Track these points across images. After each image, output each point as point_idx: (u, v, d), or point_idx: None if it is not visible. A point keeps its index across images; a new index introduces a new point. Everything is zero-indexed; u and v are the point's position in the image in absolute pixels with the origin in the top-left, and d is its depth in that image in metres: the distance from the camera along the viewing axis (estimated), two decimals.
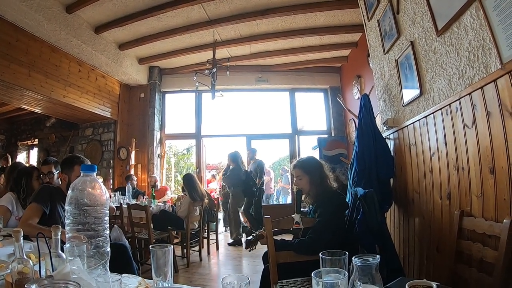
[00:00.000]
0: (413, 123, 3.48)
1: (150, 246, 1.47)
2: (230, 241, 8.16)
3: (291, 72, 9.91)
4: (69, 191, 1.42)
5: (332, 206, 3.06)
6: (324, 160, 7.28)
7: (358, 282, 1.21)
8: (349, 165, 4.37)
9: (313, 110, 10.59)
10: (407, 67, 3.55)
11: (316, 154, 8.92)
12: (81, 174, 1.47)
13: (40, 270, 1.45)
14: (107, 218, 1.48)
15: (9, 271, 1.53)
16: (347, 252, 1.38)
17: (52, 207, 3.13)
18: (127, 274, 1.78)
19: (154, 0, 6.79)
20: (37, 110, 9.61)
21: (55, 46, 7.61)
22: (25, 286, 1.12)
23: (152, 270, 1.46)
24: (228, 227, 8.80)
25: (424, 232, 3.32)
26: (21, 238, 1.45)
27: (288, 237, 3.39)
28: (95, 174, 1.47)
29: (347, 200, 3.57)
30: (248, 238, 3.29)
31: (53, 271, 1.37)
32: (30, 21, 6.53)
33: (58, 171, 4.03)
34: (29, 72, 7.09)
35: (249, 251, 3.30)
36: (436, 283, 1.22)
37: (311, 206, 3.33)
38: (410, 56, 3.44)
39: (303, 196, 3.31)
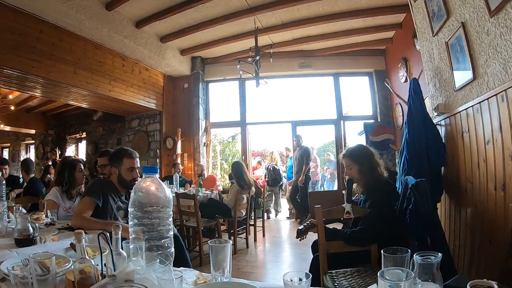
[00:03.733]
0: (465, 109, 3.30)
1: (209, 241, 1.48)
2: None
3: (334, 56, 9.65)
4: (132, 193, 1.42)
5: (383, 196, 3.00)
6: (371, 146, 7.18)
7: (418, 280, 1.20)
8: (399, 152, 4.24)
9: (358, 94, 10.36)
10: (458, 50, 3.36)
11: (362, 140, 8.76)
12: (143, 176, 1.46)
13: (101, 269, 1.46)
14: (171, 218, 1.47)
15: (68, 267, 1.61)
16: (409, 250, 1.34)
17: (104, 200, 3.20)
18: (184, 268, 1.79)
19: None
20: (84, 105, 9.96)
21: (98, 43, 7.82)
22: None
23: (210, 264, 1.46)
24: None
25: (476, 224, 3.19)
26: (83, 240, 1.49)
27: (338, 226, 3.33)
28: (157, 175, 1.45)
29: (397, 188, 3.47)
30: (299, 227, 3.27)
31: (114, 270, 1.37)
32: (72, 21, 6.76)
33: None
34: (74, 69, 7.34)
35: (300, 240, 3.28)
36: (496, 282, 1.15)
37: (361, 195, 3.28)
38: (461, 38, 3.25)
39: (354, 185, 3.25)
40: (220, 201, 6.73)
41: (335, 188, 10.72)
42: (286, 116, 10.82)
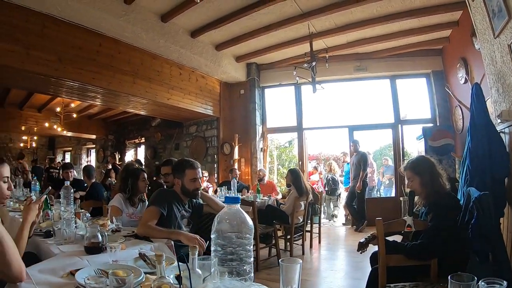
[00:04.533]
0: None
1: (280, 260, 1.51)
2: None
3: (390, 58, 9.42)
4: (216, 223, 1.45)
5: (444, 210, 2.93)
6: (430, 151, 6.93)
7: None
8: (461, 162, 4.10)
9: (416, 97, 10.07)
10: None
11: (421, 145, 8.51)
12: (225, 207, 1.49)
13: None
14: (251, 245, 1.50)
15: (141, 278, 1.70)
16: (475, 277, 1.31)
17: (168, 209, 3.29)
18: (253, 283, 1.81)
19: (246, 0, 6.91)
20: (142, 113, 10.36)
21: (155, 54, 8.16)
22: None
23: (280, 282, 1.46)
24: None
25: None
26: (163, 261, 1.56)
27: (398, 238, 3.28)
28: (239, 205, 1.48)
29: (459, 200, 3.35)
30: (361, 240, 3.24)
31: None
32: (129, 34, 7.16)
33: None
34: (133, 79, 7.70)
35: (361, 253, 3.26)
36: None
37: (423, 207, 3.21)
38: None
39: (416, 197, 3.18)
40: (277, 208, 6.72)
41: (393, 194, 10.45)
42: (342, 121, 10.66)
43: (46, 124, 14.32)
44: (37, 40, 6.16)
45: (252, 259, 1.48)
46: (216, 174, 10.50)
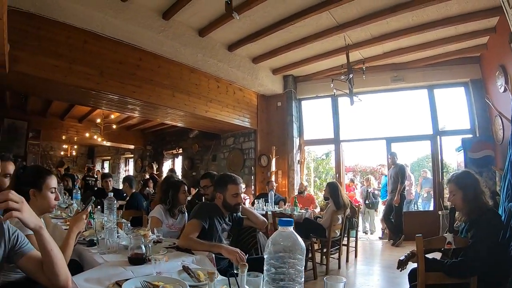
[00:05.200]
0: None
1: (325, 278, 1.51)
2: None
3: (427, 67, 9.25)
4: (270, 244, 1.49)
5: (486, 227, 2.86)
6: (469, 163, 6.78)
7: None
8: (502, 176, 3.99)
9: (454, 107, 9.80)
10: None
11: (460, 157, 8.31)
12: (279, 228, 1.53)
13: None
14: (303, 265, 1.53)
15: None
16: None
17: (210, 222, 3.34)
18: None
19: (281, 14, 7.01)
20: (180, 124, 10.60)
21: (194, 67, 8.36)
22: None
23: None
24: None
25: None
26: (215, 279, 1.65)
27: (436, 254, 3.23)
28: (292, 227, 1.51)
29: (501, 216, 3.28)
30: (401, 258, 3.23)
31: None
32: (168, 48, 7.40)
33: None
34: (173, 93, 7.92)
35: (400, 271, 3.24)
36: None
37: (463, 223, 3.15)
38: None
39: (456, 213, 3.13)
40: (315, 221, 6.68)
41: (431, 208, 10.20)
42: (380, 133, 10.49)
43: (87, 134, 14.79)
44: (79, 55, 6.45)
45: (302, 279, 1.50)
46: (253, 186, 10.55)
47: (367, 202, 10.62)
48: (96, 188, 11.47)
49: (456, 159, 8.93)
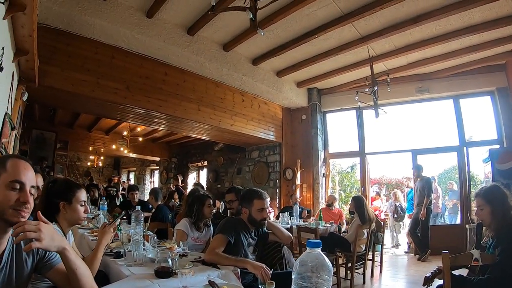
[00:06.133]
0: None
1: None
2: None
3: (452, 77, 9.08)
4: (298, 265, 1.52)
5: None
6: (497, 175, 6.63)
7: None
8: None
9: (481, 117, 9.61)
10: None
11: (488, 168, 8.14)
12: (307, 249, 1.56)
13: None
14: (329, 286, 1.54)
15: None
16: None
17: (236, 237, 3.38)
18: None
19: (304, 28, 7.08)
20: (205, 138, 10.69)
21: (219, 81, 8.50)
22: None
23: None
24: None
25: None
26: None
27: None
28: (319, 249, 1.54)
29: None
30: (427, 275, 3.17)
31: None
32: (193, 63, 7.56)
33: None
34: (198, 107, 8.06)
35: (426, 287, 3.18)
36: None
37: (491, 239, 3.08)
38: None
39: (483, 229, 3.07)
40: (340, 235, 6.62)
41: (458, 221, 9.99)
42: (405, 145, 10.38)
43: (113, 146, 15.16)
44: (107, 70, 6.64)
45: None
46: (277, 199, 10.56)
47: (395, 216, 10.54)
48: (122, 200, 11.65)
49: (484, 170, 8.72)
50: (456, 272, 2.91)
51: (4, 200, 1.60)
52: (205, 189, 11.31)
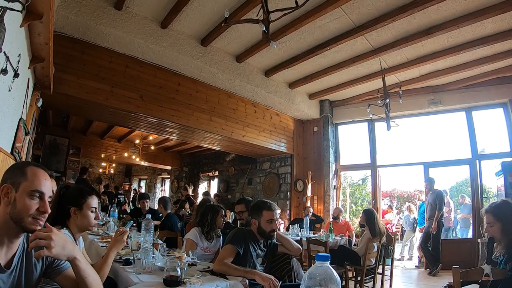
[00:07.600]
0: None
1: None
2: None
3: (464, 89, 9.01)
4: (307, 278, 1.53)
5: None
6: (510, 188, 6.56)
7: None
8: None
9: (494, 129, 9.47)
10: None
11: (500, 181, 8.03)
12: (316, 263, 1.57)
13: None
14: None
15: None
16: None
17: (245, 248, 3.40)
18: None
19: (317, 40, 7.11)
20: (217, 148, 10.75)
21: (231, 92, 8.57)
22: None
23: None
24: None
25: None
26: None
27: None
28: (328, 262, 1.55)
29: None
30: None
31: None
32: (206, 74, 7.63)
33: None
34: (210, 117, 8.12)
35: None
36: None
37: (501, 255, 3.04)
38: None
39: (495, 244, 3.04)
40: (350, 248, 6.58)
41: (470, 235, 9.87)
42: (417, 157, 10.29)
43: (125, 154, 15.25)
44: (121, 79, 6.73)
45: None
46: (288, 211, 10.54)
47: (410, 228, 10.57)
48: (132, 208, 11.69)
49: (496, 184, 8.60)
50: None
51: (23, 208, 1.63)
52: (215, 198, 11.37)
